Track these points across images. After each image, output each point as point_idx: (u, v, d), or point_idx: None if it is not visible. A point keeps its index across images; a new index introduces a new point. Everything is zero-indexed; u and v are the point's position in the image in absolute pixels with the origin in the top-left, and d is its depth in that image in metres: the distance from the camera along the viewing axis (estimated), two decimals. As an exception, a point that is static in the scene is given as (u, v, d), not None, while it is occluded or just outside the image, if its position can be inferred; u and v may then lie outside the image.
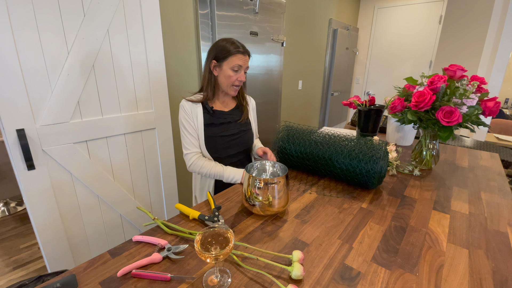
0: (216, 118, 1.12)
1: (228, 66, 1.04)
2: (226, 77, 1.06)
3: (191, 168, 1.11)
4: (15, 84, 0.98)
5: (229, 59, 1.04)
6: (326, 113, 3.83)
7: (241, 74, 1.07)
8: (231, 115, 1.17)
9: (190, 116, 1.09)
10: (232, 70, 1.05)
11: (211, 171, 1.08)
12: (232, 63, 1.04)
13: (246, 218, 0.82)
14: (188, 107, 1.09)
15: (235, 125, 1.17)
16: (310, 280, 0.59)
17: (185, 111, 1.09)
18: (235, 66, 1.04)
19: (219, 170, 1.08)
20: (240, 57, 1.05)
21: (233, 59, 1.04)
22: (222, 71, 1.06)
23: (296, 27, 2.79)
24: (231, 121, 1.16)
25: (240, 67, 1.06)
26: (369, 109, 1.41)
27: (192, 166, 1.11)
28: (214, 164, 1.09)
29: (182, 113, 1.10)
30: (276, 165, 0.91)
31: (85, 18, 1.10)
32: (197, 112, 1.09)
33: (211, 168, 1.08)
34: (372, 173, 0.93)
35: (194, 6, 1.75)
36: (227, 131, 1.14)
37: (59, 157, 1.14)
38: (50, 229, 1.17)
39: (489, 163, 1.32)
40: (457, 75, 1.03)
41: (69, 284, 0.57)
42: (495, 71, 2.93)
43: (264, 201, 0.78)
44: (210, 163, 1.09)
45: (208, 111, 1.10)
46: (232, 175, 1.08)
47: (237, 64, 1.04)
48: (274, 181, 0.77)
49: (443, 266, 0.64)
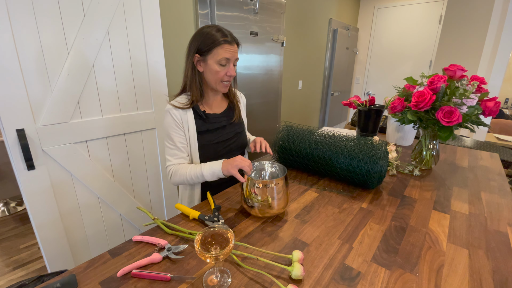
0: (210, 124, 0.99)
1: (214, 60, 0.88)
2: (213, 73, 0.90)
3: (172, 180, 0.97)
4: (15, 84, 0.98)
5: (214, 52, 0.87)
6: (326, 113, 3.83)
7: (230, 67, 0.91)
8: (225, 117, 1.04)
9: (179, 124, 0.94)
10: (219, 65, 0.89)
11: (190, 175, 0.92)
12: (218, 56, 0.87)
13: (246, 218, 0.82)
14: (177, 114, 0.93)
15: (230, 127, 1.05)
16: (310, 280, 0.59)
17: (174, 119, 0.93)
18: (222, 60, 0.88)
19: (197, 171, 0.92)
20: (227, 47, 0.88)
21: (219, 51, 0.87)
22: (208, 66, 0.89)
23: (296, 27, 2.79)
24: (226, 124, 1.03)
25: (228, 60, 0.89)
26: (369, 109, 1.41)
27: (172, 178, 0.96)
28: (191, 167, 0.93)
29: (170, 120, 0.94)
30: (275, 165, 0.90)
31: (85, 18, 1.10)
32: (187, 118, 0.95)
33: (189, 173, 0.93)
34: (372, 173, 0.93)
35: (194, 6, 1.75)
36: (222, 136, 1.02)
37: (59, 157, 1.14)
38: (50, 229, 1.17)
39: (489, 163, 1.32)
40: (457, 75, 1.03)
41: (69, 284, 0.57)
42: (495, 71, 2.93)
43: (263, 203, 0.78)
44: (186, 168, 0.94)
45: (201, 117, 0.97)
46: (211, 170, 0.90)
47: (224, 57, 0.88)
48: (273, 182, 0.76)
49: (443, 266, 0.64)
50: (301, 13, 2.82)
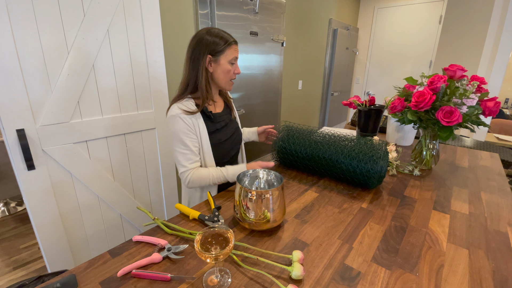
0: (217, 123, 1.05)
1: (226, 59, 0.96)
2: (225, 72, 0.98)
3: (190, 185, 1.00)
4: (15, 84, 0.98)
5: (226, 52, 0.95)
6: (326, 113, 3.83)
7: (236, 66, 1.00)
8: (226, 115, 1.10)
9: (192, 129, 0.97)
10: (230, 64, 0.97)
11: (213, 178, 0.98)
12: (230, 55, 0.96)
13: (246, 218, 0.82)
14: (188, 119, 0.96)
15: (231, 124, 1.12)
16: (310, 280, 0.59)
17: (186, 124, 0.95)
18: (232, 59, 0.97)
19: (220, 174, 0.98)
20: (235, 47, 0.97)
21: (231, 51, 0.96)
22: (220, 66, 0.97)
23: (296, 27, 2.79)
24: (228, 121, 1.10)
25: (236, 59, 0.99)
26: (369, 109, 1.41)
27: (190, 183, 0.99)
28: (213, 171, 0.99)
29: (182, 125, 0.95)
30: (271, 173, 0.83)
31: (85, 18, 1.10)
32: (198, 122, 0.98)
33: (211, 176, 0.98)
34: (372, 173, 0.93)
35: (194, 6, 1.75)
36: (227, 133, 1.08)
37: (59, 157, 1.14)
38: (50, 229, 1.17)
39: (489, 163, 1.32)
40: (457, 75, 1.03)
41: (69, 284, 0.57)
42: (495, 71, 2.93)
43: (258, 217, 0.72)
44: (208, 172, 0.98)
45: (209, 117, 1.02)
46: (235, 173, 0.98)
47: (234, 56, 0.97)
48: (269, 193, 0.70)
49: (443, 266, 0.64)
50: (301, 13, 2.82)
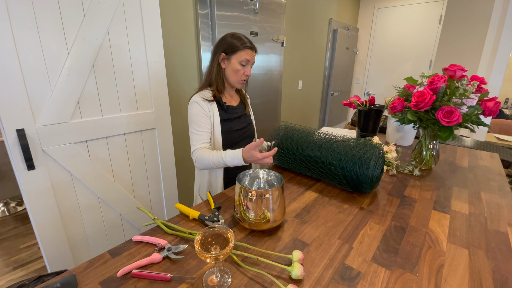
0: (230, 113, 1.15)
1: (237, 59, 1.07)
2: (234, 71, 1.09)
3: (196, 164, 1.09)
4: (15, 84, 0.98)
5: (238, 53, 1.06)
6: (326, 113, 3.82)
7: (248, 68, 1.10)
8: (240, 109, 1.21)
9: (207, 113, 1.09)
10: (240, 64, 1.08)
11: (213, 159, 1.02)
12: (241, 57, 1.07)
13: (246, 218, 0.82)
14: (204, 105, 1.08)
15: (244, 118, 1.21)
16: (310, 280, 0.59)
17: (202, 108, 1.08)
18: (243, 60, 1.07)
19: (219, 156, 1.01)
20: (249, 52, 1.08)
21: (242, 53, 1.07)
22: (231, 64, 1.08)
23: (296, 27, 2.79)
24: (241, 114, 1.20)
25: (248, 61, 1.09)
26: (369, 109, 1.41)
27: (197, 162, 1.08)
28: (214, 153, 1.03)
29: (198, 109, 1.07)
30: (272, 173, 0.84)
31: (85, 18, 1.10)
32: (213, 109, 1.10)
33: (211, 157, 1.02)
34: (362, 178, 0.91)
35: (194, 6, 1.75)
36: (239, 124, 1.18)
37: (59, 157, 1.14)
38: (50, 229, 1.17)
39: (489, 163, 1.32)
40: (457, 75, 1.03)
41: (69, 284, 0.57)
42: (495, 71, 2.93)
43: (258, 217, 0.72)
44: (210, 153, 1.03)
45: (222, 107, 1.13)
46: (232, 157, 0.99)
47: (246, 58, 1.07)
48: (269, 193, 0.70)
49: (443, 266, 0.64)
50: (301, 13, 2.82)
